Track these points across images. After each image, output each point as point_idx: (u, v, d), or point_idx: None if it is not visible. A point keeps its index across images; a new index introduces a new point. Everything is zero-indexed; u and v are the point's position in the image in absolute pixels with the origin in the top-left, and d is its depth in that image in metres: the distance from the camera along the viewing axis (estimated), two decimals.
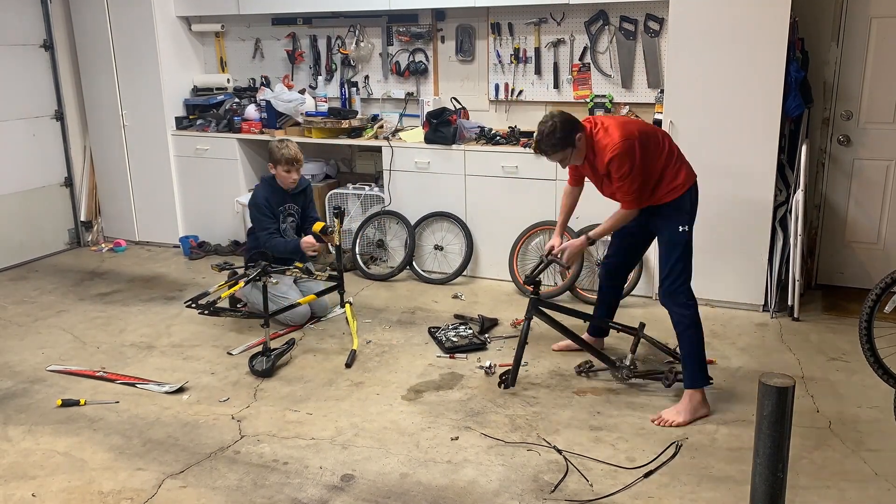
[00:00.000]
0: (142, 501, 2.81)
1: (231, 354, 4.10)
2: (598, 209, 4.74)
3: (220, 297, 3.89)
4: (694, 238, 4.50)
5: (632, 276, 4.66)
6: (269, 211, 4.47)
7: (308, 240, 4.43)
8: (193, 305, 3.86)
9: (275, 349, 3.89)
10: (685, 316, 3.35)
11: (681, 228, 3.42)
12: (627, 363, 3.59)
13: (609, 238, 3.88)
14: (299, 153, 4.47)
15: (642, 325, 3.70)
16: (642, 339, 3.68)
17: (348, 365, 3.92)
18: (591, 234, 3.54)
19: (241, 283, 3.90)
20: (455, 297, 4.91)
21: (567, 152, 3.35)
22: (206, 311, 3.87)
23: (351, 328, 4.25)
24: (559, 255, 3.57)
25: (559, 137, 3.30)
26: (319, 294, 4.41)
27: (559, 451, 3.05)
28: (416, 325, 4.46)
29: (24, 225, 5.92)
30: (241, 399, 3.60)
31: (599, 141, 3.32)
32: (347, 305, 4.40)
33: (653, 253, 4.67)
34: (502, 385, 3.60)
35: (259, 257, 4.08)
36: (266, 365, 3.80)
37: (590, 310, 4.71)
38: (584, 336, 3.90)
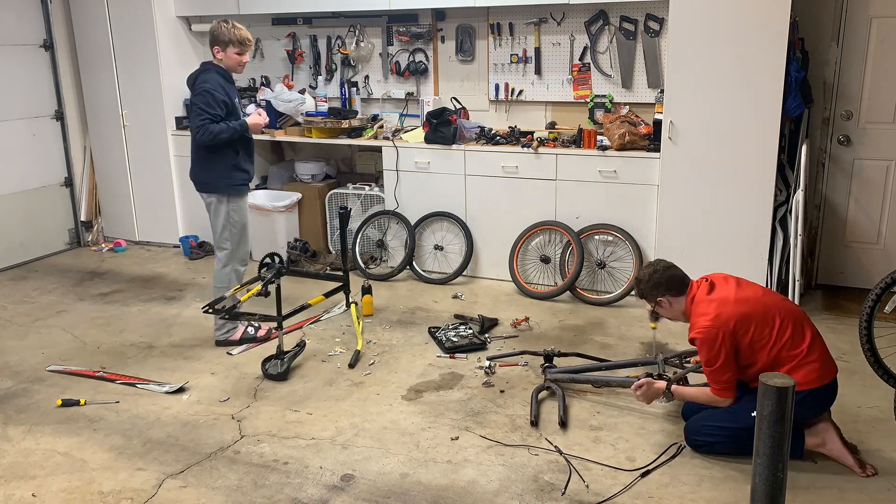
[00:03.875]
0: (142, 501, 2.81)
1: (231, 355, 4.10)
2: (599, 208, 4.77)
3: (239, 301, 3.89)
4: (694, 238, 4.52)
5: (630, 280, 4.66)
6: (224, 99, 4.03)
7: (255, 118, 4.19)
8: (211, 310, 3.85)
9: (287, 352, 3.88)
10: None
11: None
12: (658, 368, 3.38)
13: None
14: (250, 33, 4.14)
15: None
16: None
17: (351, 365, 3.91)
18: (672, 387, 3.10)
19: (258, 286, 3.87)
20: (455, 297, 4.91)
21: (657, 304, 3.15)
22: (225, 316, 3.87)
23: (356, 329, 4.24)
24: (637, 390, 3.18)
25: (645, 288, 3.13)
26: (327, 295, 4.33)
27: (560, 452, 3.05)
28: (416, 324, 4.46)
29: (24, 225, 5.91)
30: (241, 399, 3.60)
31: (695, 310, 3.01)
32: (353, 306, 4.36)
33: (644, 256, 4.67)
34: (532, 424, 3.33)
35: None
36: (280, 368, 3.79)
37: (590, 308, 4.71)
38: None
